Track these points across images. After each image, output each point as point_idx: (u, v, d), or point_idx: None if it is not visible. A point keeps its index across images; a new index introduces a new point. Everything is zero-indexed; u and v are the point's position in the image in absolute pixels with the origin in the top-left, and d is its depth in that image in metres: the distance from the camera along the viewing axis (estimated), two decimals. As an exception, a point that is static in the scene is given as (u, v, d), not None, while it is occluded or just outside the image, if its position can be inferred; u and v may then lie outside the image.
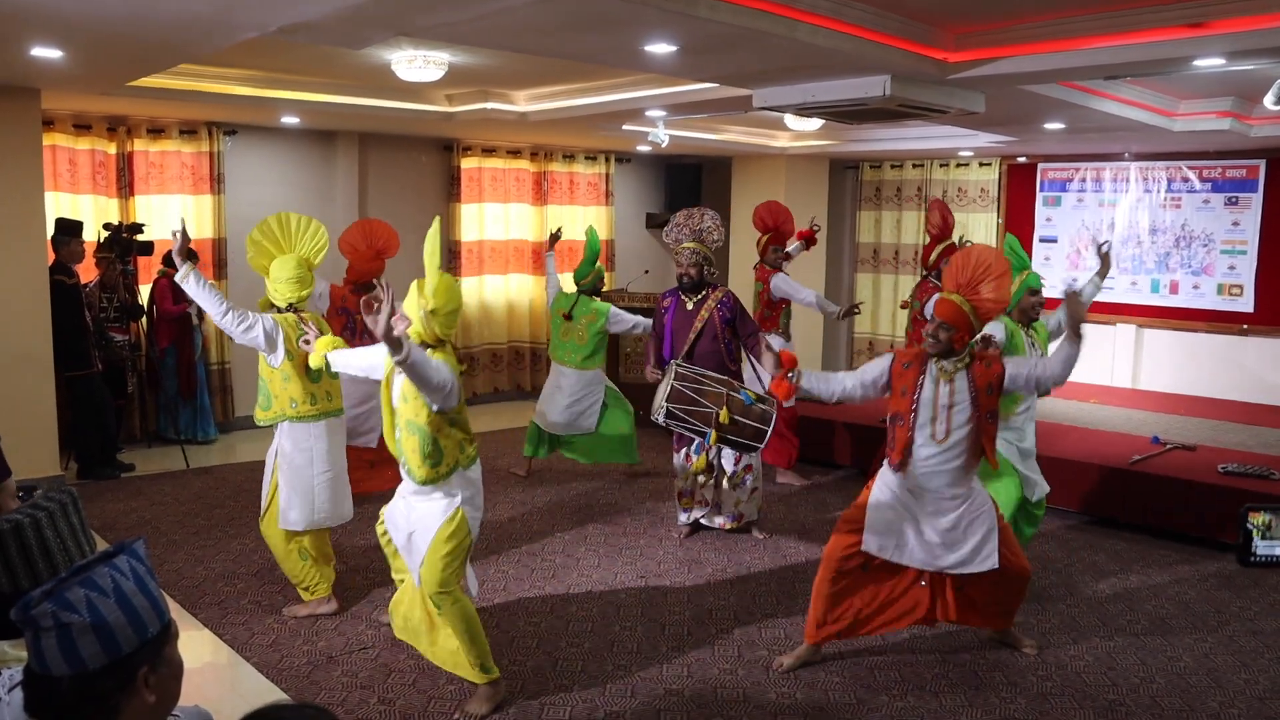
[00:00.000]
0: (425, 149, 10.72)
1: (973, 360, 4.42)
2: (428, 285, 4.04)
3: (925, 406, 4.43)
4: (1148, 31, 5.08)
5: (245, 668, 4.64)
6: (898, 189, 12.33)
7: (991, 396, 4.38)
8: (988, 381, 4.37)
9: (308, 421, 5.07)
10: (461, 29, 4.93)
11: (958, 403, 4.38)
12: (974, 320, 4.36)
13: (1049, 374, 4.37)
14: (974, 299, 4.34)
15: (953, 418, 4.38)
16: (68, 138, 8.44)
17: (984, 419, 4.38)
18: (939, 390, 4.42)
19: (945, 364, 4.42)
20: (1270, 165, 9.86)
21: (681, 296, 6.35)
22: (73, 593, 1.65)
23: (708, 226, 6.32)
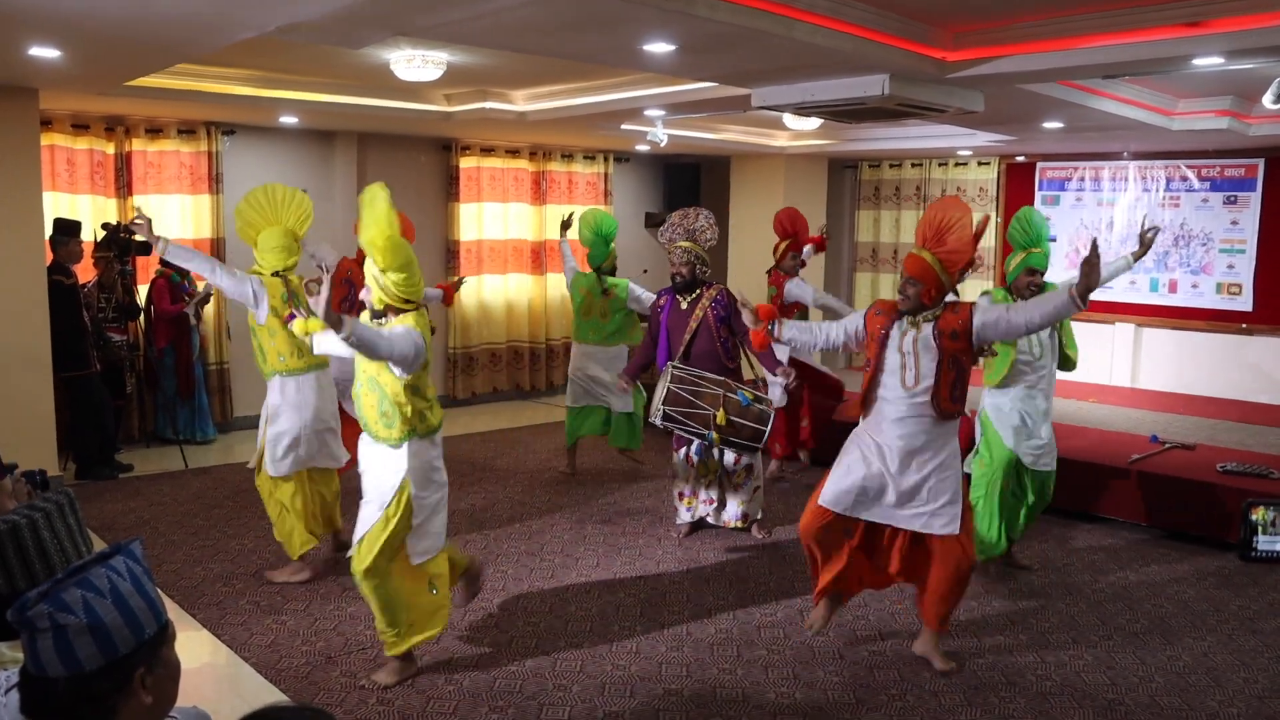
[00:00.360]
0: (424, 148, 10.71)
1: (945, 310, 4.42)
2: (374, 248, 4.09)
3: (892, 352, 4.44)
4: (1146, 30, 5.07)
5: (244, 668, 4.64)
6: (896, 188, 12.33)
7: (956, 341, 4.35)
8: (952, 328, 4.35)
9: (296, 374, 5.53)
10: (460, 28, 4.93)
11: (924, 349, 4.38)
12: (941, 273, 4.35)
13: (1023, 318, 4.29)
14: (938, 251, 4.35)
15: (920, 364, 4.37)
16: (66, 137, 8.43)
17: (947, 364, 4.35)
18: (905, 337, 4.42)
19: (918, 317, 4.43)
20: (1269, 164, 9.86)
21: (676, 296, 6.35)
22: (69, 594, 1.65)
23: (701, 226, 6.34)
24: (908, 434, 4.43)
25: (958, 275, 4.43)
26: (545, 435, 9.65)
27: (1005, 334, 4.41)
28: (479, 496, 7.43)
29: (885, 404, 4.48)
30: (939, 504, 4.44)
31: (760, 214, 12.06)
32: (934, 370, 4.36)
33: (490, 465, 8.27)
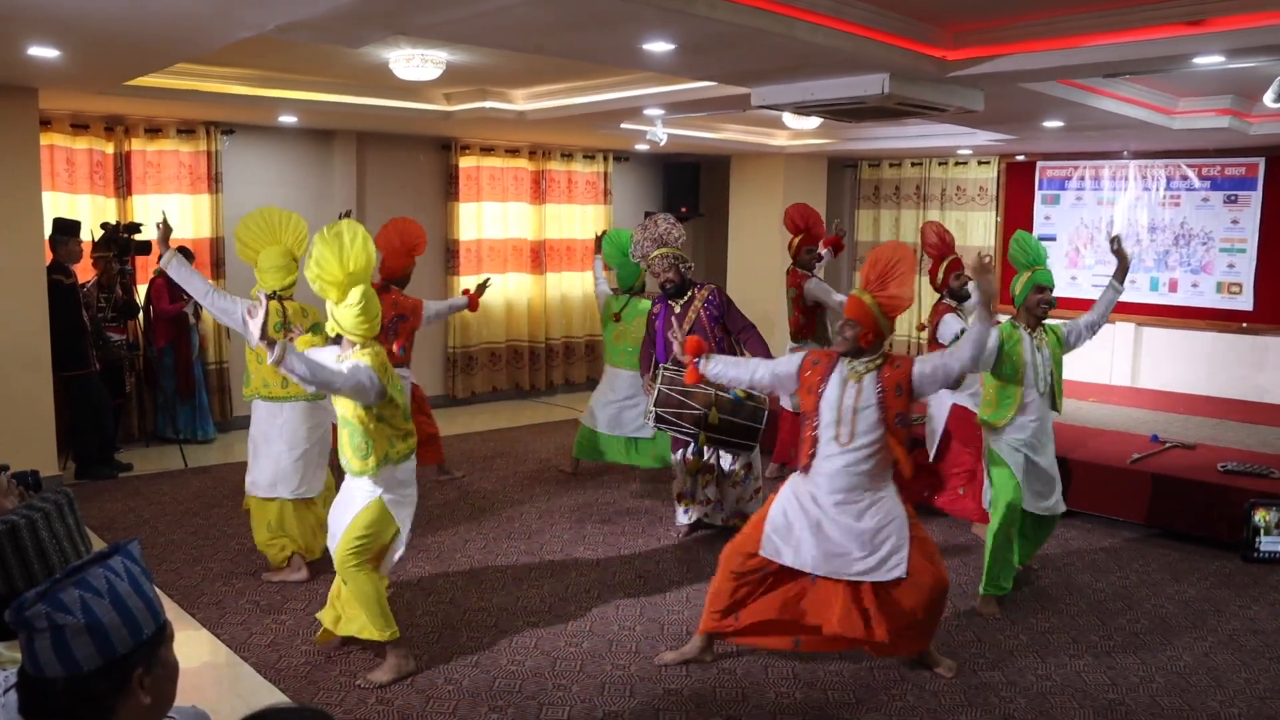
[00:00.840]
0: (423, 148, 10.71)
1: (885, 362, 4.32)
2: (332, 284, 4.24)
3: (830, 407, 4.32)
4: (1147, 29, 5.07)
5: (243, 668, 4.63)
6: (896, 187, 12.33)
7: (900, 399, 4.24)
8: (896, 383, 4.25)
9: (277, 401, 5.57)
10: (459, 27, 4.92)
11: (864, 406, 4.25)
12: (880, 318, 4.28)
13: (957, 358, 4.22)
14: (879, 295, 4.28)
15: (858, 421, 4.25)
16: (65, 137, 8.42)
17: (893, 422, 4.25)
18: (845, 391, 4.30)
19: (856, 364, 4.32)
20: (1269, 163, 9.85)
21: (670, 303, 6.34)
22: (67, 594, 1.64)
23: (665, 229, 6.29)
24: (842, 490, 4.30)
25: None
26: (545, 435, 9.65)
27: (945, 381, 4.30)
28: (478, 496, 7.43)
29: (819, 459, 4.35)
30: (887, 550, 4.29)
31: (760, 213, 12.07)
32: (873, 427, 4.24)
33: (489, 465, 8.26)
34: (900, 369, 4.28)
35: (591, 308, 11.87)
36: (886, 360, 4.33)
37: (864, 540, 4.30)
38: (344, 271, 4.24)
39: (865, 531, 4.29)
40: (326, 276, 4.24)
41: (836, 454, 4.30)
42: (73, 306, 7.47)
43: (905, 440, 4.30)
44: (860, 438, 4.25)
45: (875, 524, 4.30)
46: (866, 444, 4.26)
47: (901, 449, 4.28)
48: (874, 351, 4.33)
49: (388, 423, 4.36)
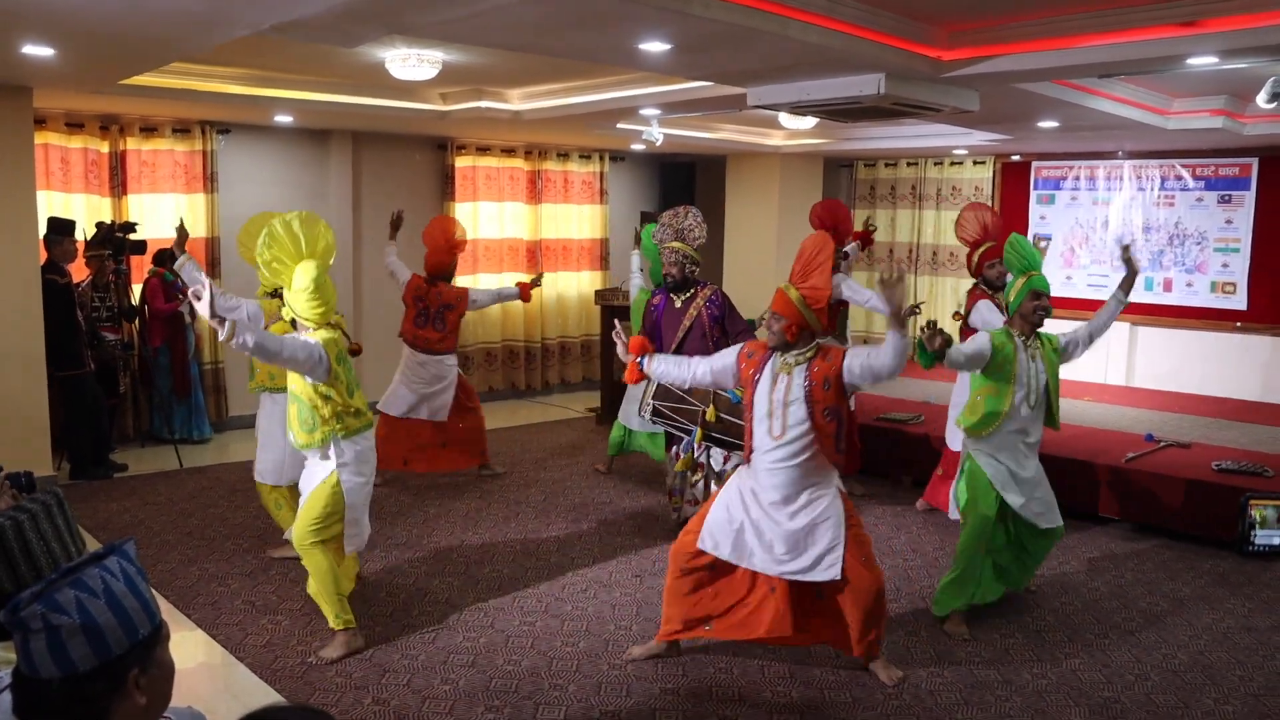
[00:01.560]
0: (419, 148, 10.70)
1: (816, 355, 4.30)
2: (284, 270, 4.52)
3: (761, 400, 4.34)
4: (1141, 30, 5.08)
5: (239, 668, 4.63)
6: (892, 187, 12.34)
7: (829, 392, 4.22)
8: (825, 376, 4.23)
9: (282, 392, 5.56)
10: (455, 26, 4.92)
11: (793, 399, 4.25)
12: (803, 310, 4.25)
13: (880, 362, 4.16)
14: (801, 288, 4.27)
15: (788, 414, 4.26)
16: (60, 136, 8.41)
17: (820, 416, 4.22)
18: (775, 384, 4.31)
19: (786, 358, 4.32)
20: (1263, 163, 9.86)
21: (670, 295, 6.36)
22: (62, 594, 1.64)
23: (689, 225, 6.33)
24: (779, 486, 4.30)
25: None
26: (542, 435, 9.65)
27: (870, 379, 4.23)
28: (475, 496, 7.43)
29: (757, 453, 4.37)
30: (822, 549, 4.27)
31: (756, 213, 12.08)
32: (802, 420, 4.23)
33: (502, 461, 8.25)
34: (831, 362, 4.26)
35: (587, 307, 11.87)
36: (819, 353, 4.31)
37: (795, 540, 4.28)
38: (299, 257, 4.50)
39: (797, 531, 4.28)
40: (280, 259, 4.50)
41: (771, 447, 4.31)
42: (67, 306, 7.46)
43: (836, 433, 4.25)
44: (790, 430, 4.25)
45: (808, 522, 4.28)
46: (796, 437, 4.25)
47: (831, 442, 4.25)
48: (803, 345, 4.32)
49: (335, 400, 4.57)
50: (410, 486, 7.63)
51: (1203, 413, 9.09)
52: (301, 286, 4.48)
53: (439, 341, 7.46)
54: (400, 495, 7.38)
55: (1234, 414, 9.07)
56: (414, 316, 7.51)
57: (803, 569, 4.29)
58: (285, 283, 4.55)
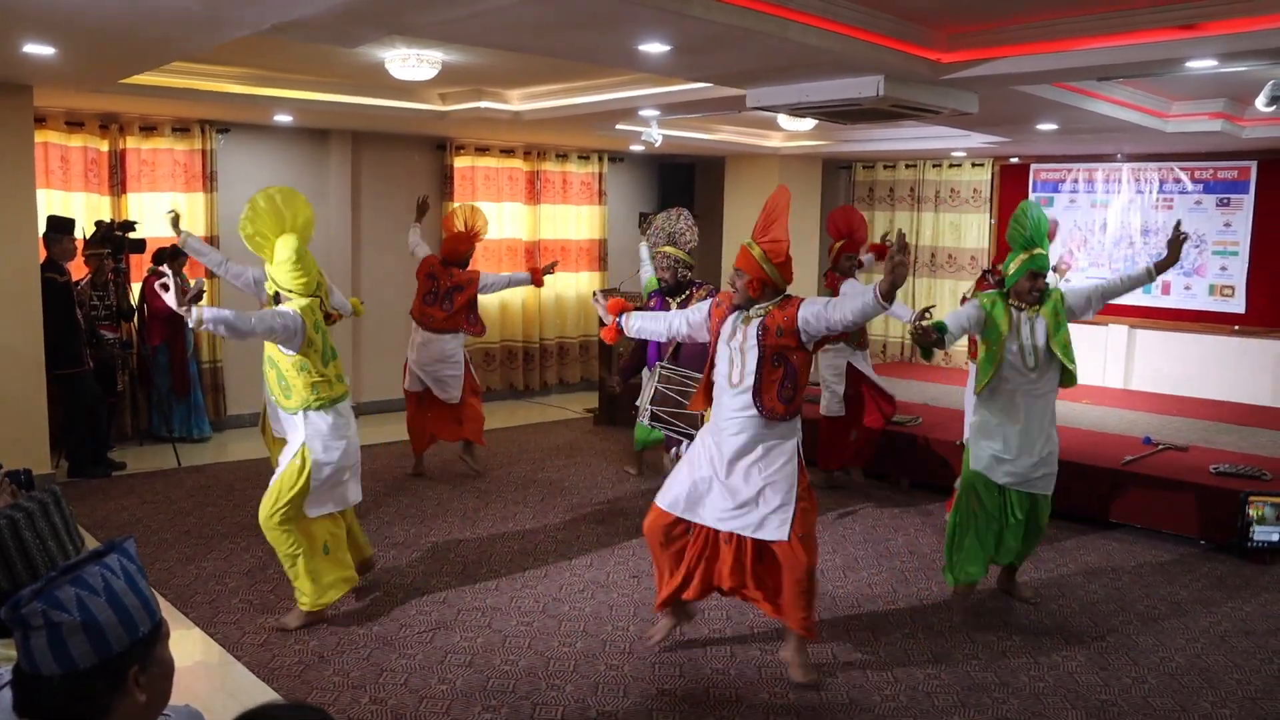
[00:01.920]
0: (418, 148, 10.71)
1: (776, 306, 4.35)
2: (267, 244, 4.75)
3: (722, 348, 4.41)
4: (1141, 33, 5.09)
5: (236, 667, 4.63)
6: (891, 189, 12.34)
7: (781, 339, 4.26)
8: (778, 323, 4.27)
9: None
10: (455, 27, 4.92)
11: (749, 346, 4.30)
12: (764, 264, 4.29)
13: (837, 314, 4.18)
14: (761, 242, 4.32)
15: (745, 361, 4.31)
16: (60, 135, 8.41)
17: (770, 361, 4.26)
18: (735, 333, 4.37)
19: (749, 312, 4.38)
20: (1261, 167, 9.88)
21: (666, 299, 6.37)
22: (63, 591, 1.64)
23: (681, 229, 6.34)
24: (736, 435, 4.34)
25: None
26: (540, 435, 9.65)
27: (823, 329, 4.25)
28: (473, 496, 7.43)
29: (718, 404, 4.44)
30: (769, 509, 4.30)
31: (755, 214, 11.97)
32: (755, 364, 4.28)
33: (485, 465, 8.25)
34: (787, 309, 4.30)
35: (586, 307, 11.88)
36: (778, 303, 4.35)
37: (746, 497, 4.33)
38: (280, 231, 4.71)
39: (748, 489, 4.33)
40: (262, 233, 4.72)
41: (730, 395, 4.36)
42: (66, 305, 7.46)
43: (782, 380, 4.28)
44: (746, 378, 4.30)
45: (761, 482, 4.32)
46: (748, 385, 4.30)
47: (775, 388, 4.27)
48: (767, 299, 4.36)
49: (310, 370, 4.76)
50: (408, 488, 7.64)
51: (1201, 416, 9.11)
52: (284, 259, 4.69)
53: (443, 320, 7.56)
54: (399, 496, 7.38)
55: (1232, 417, 9.08)
56: (423, 294, 7.65)
57: (748, 525, 4.34)
58: (267, 256, 4.76)
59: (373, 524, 6.67)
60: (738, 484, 4.35)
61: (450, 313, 7.55)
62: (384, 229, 10.50)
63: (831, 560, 6.18)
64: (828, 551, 6.32)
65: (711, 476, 4.41)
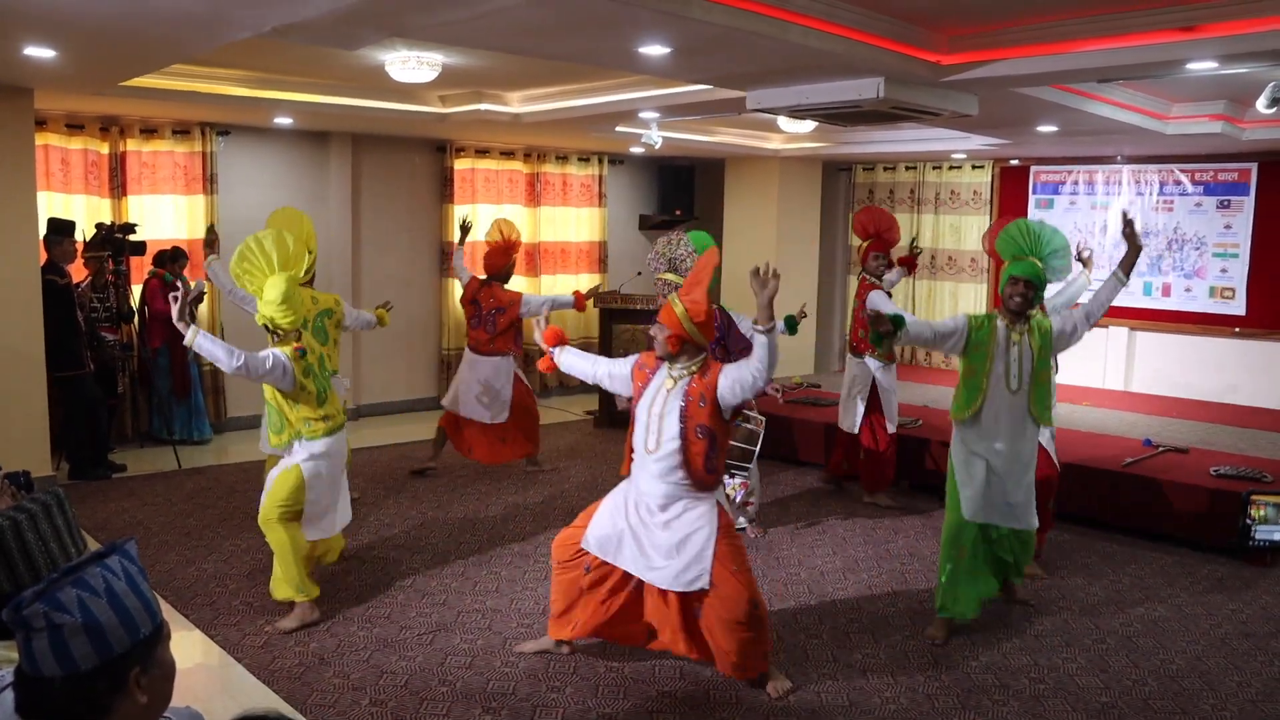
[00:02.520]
0: (418, 150, 10.71)
1: (699, 370, 4.24)
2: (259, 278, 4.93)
3: (642, 411, 4.34)
4: (1140, 35, 5.09)
5: (237, 669, 4.63)
6: (890, 191, 12.35)
7: (703, 409, 4.17)
8: (700, 392, 4.18)
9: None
10: (455, 30, 4.93)
11: (669, 413, 4.23)
12: (685, 323, 4.17)
13: (744, 372, 4.11)
14: (685, 300, 4.21)
15: (663, 428, 4.23)
16: (60, 137, 8.42)
17: (692, 433, 4.18)
18: (656, 397, 4.29)
19: (672, 371, 4.28)
20: (1262, 168, 9.88)
21: None
22: (65, 593, 1.64)
23: (681, 255, 6.26)
24: (656, 493, 4.30)
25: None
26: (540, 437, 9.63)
27: (741, 391, 4.13)
28: (472, 498, 7.43)
29: (636, 461, 4.39)
30: (685, 561, 4.22)
31: (755, 216, 12.09)
32: (675, 437, 4.20)
33: (484, 466, 8.25)
34: (708, 379, 4.21)
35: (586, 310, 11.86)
36: (702, 369, 4.26)
37: (667, 551, 4.26)
38: (270, 272, 4.90)
39: (669, 544, 4.26)
40: (252, 275, 4.93)
41: (647, 460, 4.30)
42: (67, 307, 7.46)
43: (707, 452, 4.19)
44: (665, 445, 4.23)
45: (680, 535, 4.25)
46: (670, 452, 4.22)
47: (701, 460, 4.19)
48: (688, 358, 4.26)
49: (304, 406, 4.96)
50: (408, 490, 7.63)
51: (1201, 418, 9.11)
52: (272, 299, 4.82)
53: (488, 343, 7.68)
54: (399, 498, 7.38)
55: (1232, 419, 9.08)
56: (470, 318, 7.80)
57: (669, 578, 4.25)
58: (256, 292, 4.93)
59: (372, 526, 6.68)
60: (660, 538, 4.28)
61: (494, 335, 7.64)
62: (384, 231, 10.50)
63: (832, 562, 6.18)
64: (828, 553, 6.32)
65: (636, 527, 4.35)
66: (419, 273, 10.84)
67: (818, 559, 6.23)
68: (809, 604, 5.50)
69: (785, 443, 8.44)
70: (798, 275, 12.33)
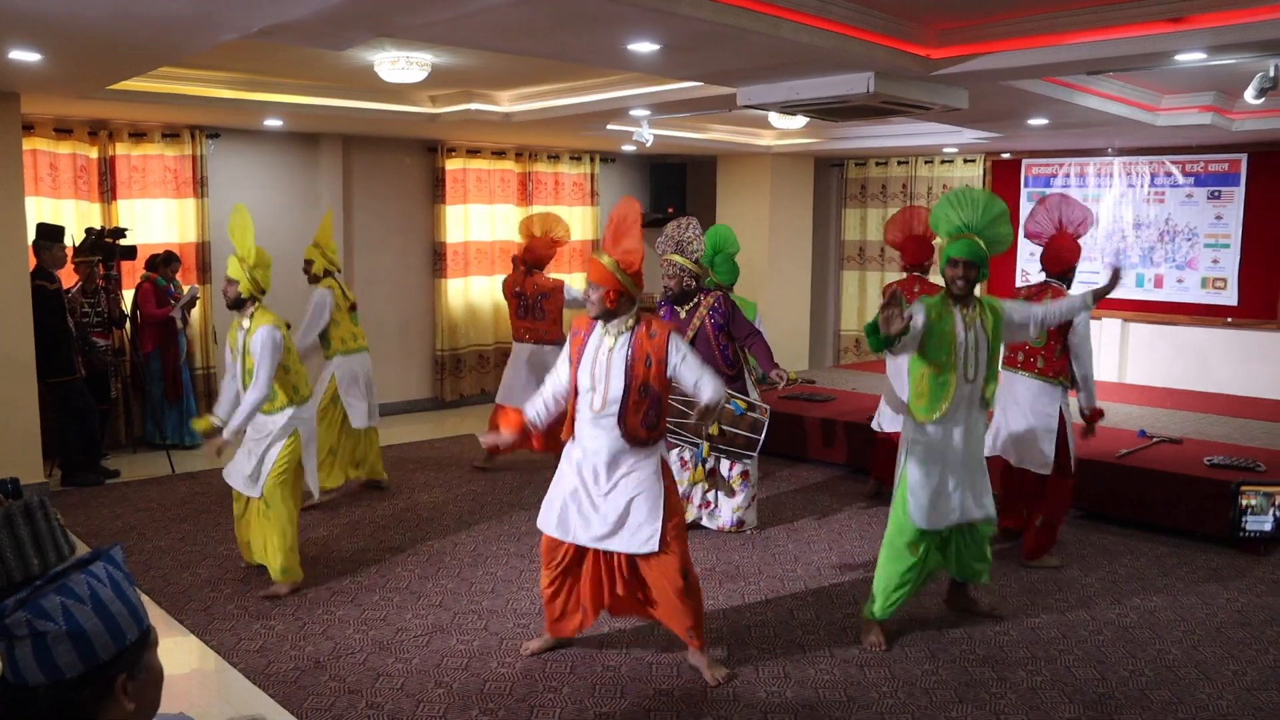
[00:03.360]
0: (409, 151, 10.69)
1: (638, 324, 4.28)
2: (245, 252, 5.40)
3: (584, 374, 4.32)
4: (1129, 26, 5.09)
5: (232, 674, 4.61)
6: (883, 186, 12.34)
7: (649, 370, 4.20)
8: (647, 353, 4.22)
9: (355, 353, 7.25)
10: (443, 29, 4.91)
11: (613, 371, 4.23)
12: (619, 275, 4.20)
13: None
14: (614, 253, 4.24)
15: (609, 387, 4.24)
16: (48, 142, 8.39)
17: (636, 390, 4.22)
18: (598, 356, 4.29)
19: (609, 329, 4.31)
20: (1252, 159, 9.89)
21: (675, 306, 6.34)
22: (48, 600, 1.63)
23: (688, 238, 6.26)
24: (601, 451, 4.32)
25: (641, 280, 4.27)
26: (534, 436, 9.62)
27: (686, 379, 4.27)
28: (467, 499, 7.42)
29: (580, 425, 4.38)
30: (637, 522, 4.29)
31: (747, 213, 12.09)
32: (621, 393, 4.22)
33: (479, 467, 8.24)
34: (656, 341, 4.25)
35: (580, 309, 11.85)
36: (641, 323, 4.30)
37: (614, 514, 4.32)
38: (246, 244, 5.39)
39: (615, 506, 4.31)
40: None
41: (592, 419, 4.31)
42: (57, 312, 7.43)
43: (647, 409, 4.26)
44: (610, 405, 4.25)
45: (626, 499, 4.31)
46: (613, 411, 4.26)
47: (639, 417, 4.25)
48: (624, 312, 4.29)
49: (289, 372, 5.44)
50: (402, 491, 7.62)
51: (1195, 408, 9.12)
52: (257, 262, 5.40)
53: (546, 331, 7.80)
54: (393, 500, 7.37)
55: (1226, 409, 9.09)
56: (515, 310, 7.88)
57: (623, 538, 4.33)
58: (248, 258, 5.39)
59: (367, 529, 6.66)
60: (605, 503, 4.32)
61: (547, 321, 7.72)
62: (376, 233, 10.49)
63: (827, 557, 6.17)
64: (823, 549, 6.32)
65: (579, 494, 4.38)
66: (412, 274, 10.82)
67: (815, 554, 6.22)
68: (806, 600, 5.49)
69: (783, 439, 8.43)
70: (791, 271, 12.34)
